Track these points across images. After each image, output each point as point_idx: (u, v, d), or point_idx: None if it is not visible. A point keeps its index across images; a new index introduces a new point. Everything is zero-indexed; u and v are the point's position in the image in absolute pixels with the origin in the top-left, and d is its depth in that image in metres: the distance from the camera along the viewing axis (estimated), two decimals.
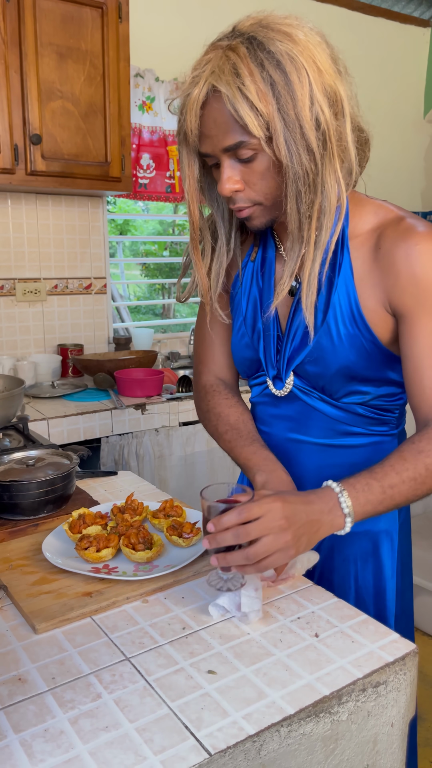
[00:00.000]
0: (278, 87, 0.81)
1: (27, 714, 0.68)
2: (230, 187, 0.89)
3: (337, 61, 0.86)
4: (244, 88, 0.81)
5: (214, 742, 0.64)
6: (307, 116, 0.82)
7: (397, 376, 0.98)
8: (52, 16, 2.01)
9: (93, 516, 1.05)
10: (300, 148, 0.83)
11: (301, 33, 0.83)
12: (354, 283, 0.93)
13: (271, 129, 0.83)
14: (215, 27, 2.69)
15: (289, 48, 0.81)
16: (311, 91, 0.82)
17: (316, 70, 0.82)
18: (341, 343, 0.94)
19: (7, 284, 2.42)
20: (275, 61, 0.81)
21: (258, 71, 0.81)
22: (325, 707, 0.70)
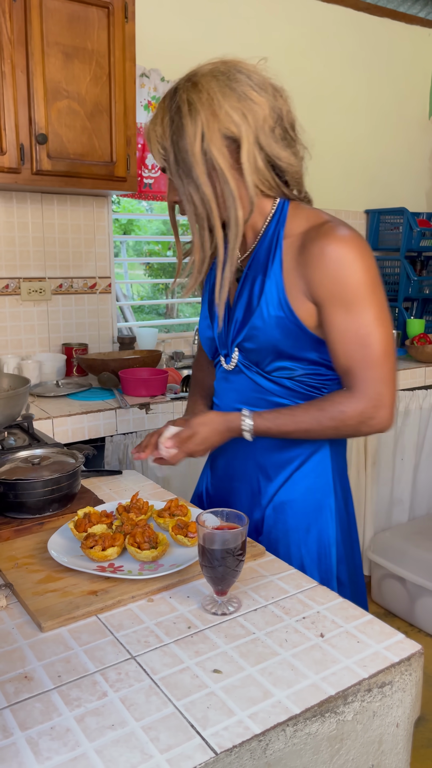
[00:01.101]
0: (173, 127, 1.05)
1: (33, 712, 0.68)
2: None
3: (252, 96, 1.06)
4: (153, 131, 1.08)
5: (220, 741, 0.64)
6: (195, 151, 1.04)
7: (321, 357, 1.12)
8: (59, 15, 2.01)
9: (98, 515, 1.05)
10: (185, 175, 1.06)
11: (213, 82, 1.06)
12: (282, 274, 1.10)
13: (168, 160, 1.07)
14: (220, 27, 2.72)
15: (190, 96, 1.04)
16: (202, 132, 1.03)
17: (210, 115, 1.03)
18: (270, 323, 1.10)
19: (12, 283, 2.43)
20: (176, 107, 1.05)
21: (167, 116, 1.06)
22: (330, 707, 0.70)
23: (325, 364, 1.13)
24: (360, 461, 2.66)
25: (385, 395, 1.06)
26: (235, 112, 1.03)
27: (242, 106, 1.04)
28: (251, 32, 2.86)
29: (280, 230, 1.11)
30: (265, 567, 0.99)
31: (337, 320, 1.05)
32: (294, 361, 1.12)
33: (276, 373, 1.14)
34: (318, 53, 3.09)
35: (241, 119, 1.03)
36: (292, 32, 2.98)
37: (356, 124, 3.30)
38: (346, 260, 1.03)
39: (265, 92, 1.08)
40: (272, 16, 2.91)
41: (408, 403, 2.73)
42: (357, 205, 3.39)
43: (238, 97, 1.04)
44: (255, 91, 1.06)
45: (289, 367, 1.13)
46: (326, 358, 1.11)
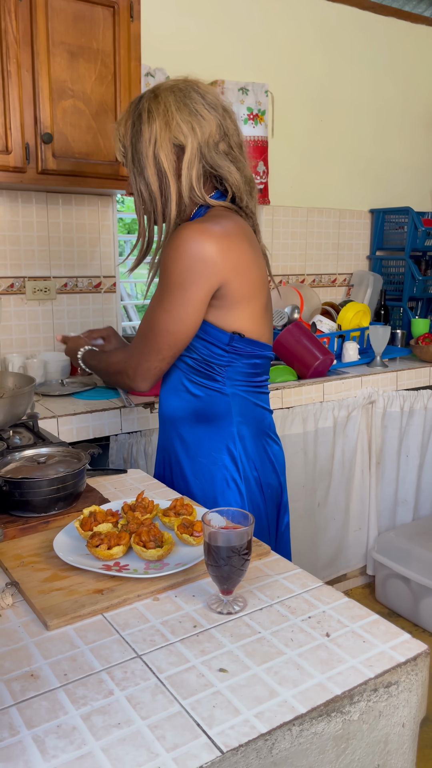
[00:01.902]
0: (134, 130, 1.24)
1: (39, 710, 0.68)
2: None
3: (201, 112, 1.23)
4: (118, 132, 1.28)
5: (226, 740, 0.64)
6: (148, 154, 1.23)
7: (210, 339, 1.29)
8: (64, 15, 2.02)
9: (104, 513, 1.05)
10: (138, 173, 1.25)
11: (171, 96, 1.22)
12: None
13: (126, 158, 1.27)
14: (225, 26, 2.73)
15: (150, 105, 1.23)
16: (155, 137, 1.22)
17: (164, 123, 1.22)
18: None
19: (17, 282, 2.43)
20: (138, 113, 1.24)
21: (130, 121, 1.25)
22: (336, 707, 0.70)
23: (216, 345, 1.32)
24: (364, 461, 2.66)
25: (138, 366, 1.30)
26: (185, 124, 1.21)
27: (192, 120, 1.21)
28: (256, 32, 2.86)
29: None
30: (270, 566, 0.99)
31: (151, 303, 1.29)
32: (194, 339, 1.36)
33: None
34: (323, 52, 3.08)
35: (189, 131, 1.21)
36: (297, 31, 2.98)
37: (361, 124, 3.29)
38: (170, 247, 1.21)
39: (215, 111, 1.24)
40: (277, 15, 2.91)
41: (413, 402, 2.73)
42: (362, 205, 3.39)
43: (190, 112, 1.22)
44: (206, 109, 1.23)
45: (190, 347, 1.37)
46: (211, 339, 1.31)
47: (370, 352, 2.88)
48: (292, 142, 3.05)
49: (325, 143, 3.18)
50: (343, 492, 2.63)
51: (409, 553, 2.55)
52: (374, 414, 2.63)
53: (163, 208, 1.27)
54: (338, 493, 2.61)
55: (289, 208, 3.12)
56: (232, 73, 2.80)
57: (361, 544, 2.76)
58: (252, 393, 1.36)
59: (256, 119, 2.83)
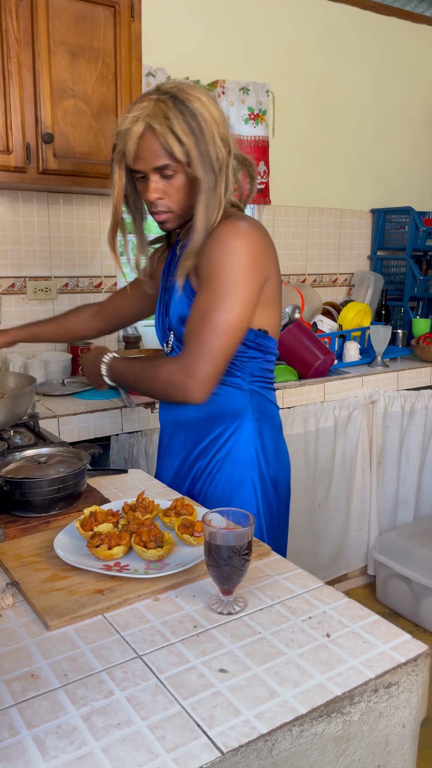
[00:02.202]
0: (194, 129, 1.18)
1: (40, 710, 0.68)
2: (155, 195, 1.24)
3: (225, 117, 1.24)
4: (174, 128, 1.17)
5: (226, 740, 0.64)
6: (212, 151, 1.20)
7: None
8: (65, 15, 2.02)
9: (104, 514, 1.05)
10: (208, 170, 1.20)
11: (204, 97, 1.20)
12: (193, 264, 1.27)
13: (190, 157, 1.19)
14: (226, 26, 2.73)
15: (199, 106, 1.19)
16: (213, 135, 1.20)
17: (214, 122, 1.20)
18: (185, 306, 1.28)
19: (18, 282, 2.43)
20: (191, 113, 1.18)
21: (180, 117, 1.17)
22: (337, 707, 0.70)
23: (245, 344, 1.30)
24: (365, 461, 2.66)
25: (200, 373, 1.20)
26: (223, 119, 1.23)
27: (225, 120, 1.24)
28: (257, 31, 2.85)
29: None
30: (270, 567, 0.99)
31: (201, 299, 1.23)
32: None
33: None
34: (324, 52, 3.08)
35: (225, 124, 1.23)
36: (298, 31, 2.98)
37: (362, 123, 3.29)
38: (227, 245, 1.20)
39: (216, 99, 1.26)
40: (278, 14, 2.90)
41: (413, 402, 2.72)
42: (363, 205, 3.39)
43: (220, 112, 1.23)
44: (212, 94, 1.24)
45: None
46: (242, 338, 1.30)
47: (371, 352, 2.87)
48: (293, 141, 3.05)
49: (325, 143, 3.18)
50: (344, 492, 2.63)
51: (409, 553, 2.54)
52: (375, 414, 2.63)
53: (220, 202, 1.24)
54: (339, 493, 2.61)
55: (290, 208, 3.11)
56: (233, 73, 2.80)
57: (361, 544, 2.76)
58: (267, 389, 1.36)
59: (257, 119, 2.83)
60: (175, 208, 1.26)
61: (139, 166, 1.22)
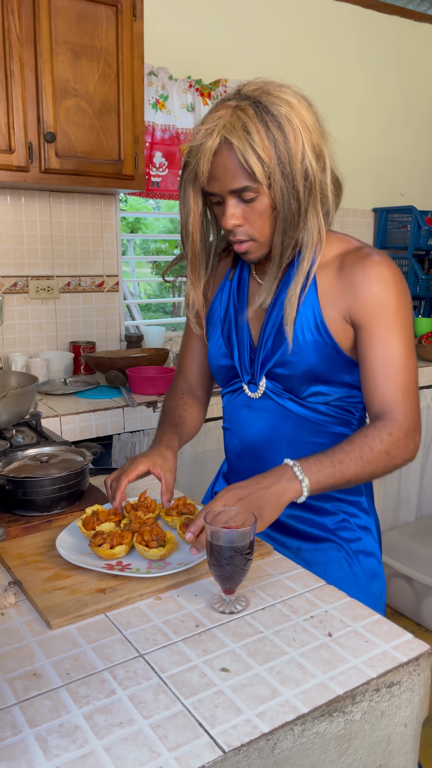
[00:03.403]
0: (279, 144, 0.98)
1: (42, 709, 0.68)
2: (233, 222, 1.05)
3: (321, 122, 1.05)
4: (254, 143, 0.97)
5: (228, 739, 0.64)
6: (299, 169, 1.00)
7: (353, 379, 1.11)
8: (67, 14, 2.02)
9: (107, 513, 1.05)
10: (290, 195, 1.01)
11: (295, 99, 1.01)
12: (318, 299, 1.08)
13: (272, 178, 0.99)
14: (228, 25, 2.72)
15: (287, 112, 0.99)
16: (303, 148, 0.99)
17: (307, 131, 1.00)
18: (306, 348, 1.08)
19: (20, 281, 2.43)
20: (277, 122, 0.98)
21: (264, 130, 0.98)
22: (338, 707, 0.70)
23: (357, 386, 1.12)
24: None
25: (418, 420, 1.05)
26: (315, 125, 1.02)
27: (317, 118, 1.04)
28: (259, 30, 2.85)
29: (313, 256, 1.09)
30: (272, 566, 0.99)
31: (378, 341, 1.04)
32: (329, 385, 1.10)
33: (311, 399, 1.12)
34: (326, 51, 3.07)
35: (320, 132, 1.03)
36: (300, 30, 2.97)
37: (364, 122, 3.29)
38: (390, 283, 1.04)
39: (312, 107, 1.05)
40: (280, 13, 2.90)
41: None
42: (365, 204, 3.38)
43: (314, 118, 1.03)
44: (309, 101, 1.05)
45: (324, 392, 1.11)
46: (358, 379, 1.10)
47: None
48: None
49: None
50: None
51: (411, 553, 2.54)
52: None
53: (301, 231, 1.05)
54: None
55: None
56: (235, 72, 2.80)
57: None
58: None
59: None
60: (258, 236, 1.06)
61: (214, 188, 1.04)
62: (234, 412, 1.22)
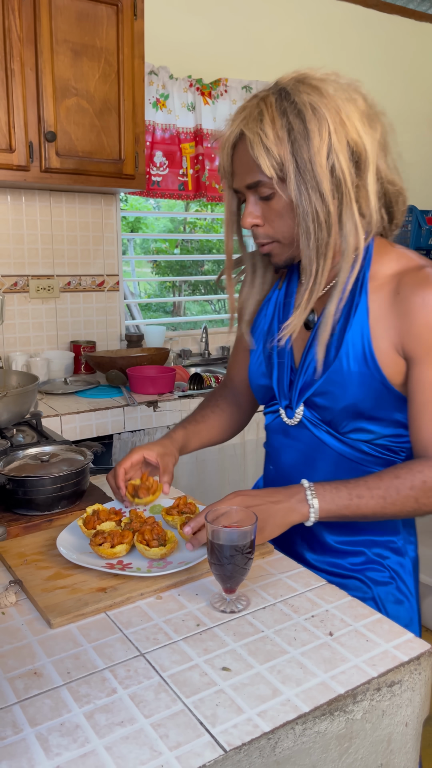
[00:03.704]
0: (294, 133, 0.89)
1: (43, 708, 0.68)
2: (250, 221, 0.97)
3: (371, 118, 0.93)
4: (262, 133, 0.89)
5: (229, 738, 0.64)
6: (322, 162, 0.89)
7: (405, 417, 1.00)
8: (68, 13, 2.02)
9: (107, 512, 1.05)
10: (310, 189, 0.90)
11: (332, 88, 0.90)
12: (369, 325, 0.96)
13: (284, 170, 0.90)
14: (228, 24, 2.72)
15: (313, 100, 0.89)
16: (330, 141, 0.89)
17: (339, 122, 0.89)
18: (351, 380, 0.97)
19: (21, 281, 2.43)
20: (296, 110, 0.89)
21: (279, 118, 0.89)
22: (339, 706, 0.70)
23: (405, 424, 1.01)
24: None
25: None
26: (360, 123, 0.91)
27: (367, 120, 0.92)
28: (260, 29, 2.85)
29: (365, 271, 0.98)
30: (273, 565, 0.98)
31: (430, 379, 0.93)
32: (375, 422, 0.99)
33: (353, 435, 1.01)
34: (326, 50, 3.07)
35: (366, 132, 0.91)
36: (300, 29, 2.97)
37: None
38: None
39: (378, 115, 0.96)
40: (280, 12, 2.90)
41: None
42: None
43: (361, 113, 0.92)
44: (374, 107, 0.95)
45: (368, 429, 1.00)
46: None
47: None
48: None
49: None
50: None
51: None
52: None
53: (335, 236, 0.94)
54: None
55: None
56: (235, 71, 2.80)
57: None
58: None
59: None
60: (281, 237, 0.97)
61: (235, 184, 0.98)
62: (272, 435, 1.14)
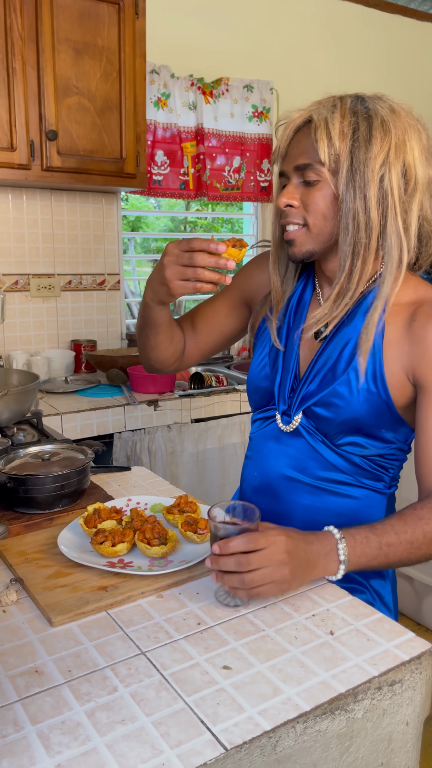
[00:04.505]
0: (359, 133, 0.92)
1: (44, 706, 0.68)
2: (285, 200, 0.98)
3: (430, 154, 0.97)
4: (330, 123, 0.93)
5: (230, 737, 0.64)
6: (375, 169, 0.92)
7: (399, 439, 1.03)
8: (69, 12, 2.02)
9: (108, 510, 1.05)
10: (357, 189, 0.93)
11: (404, 113, 0.96)
12: (382, 346, 0.98)
13: (339, 163, 0.93)
14: (230, 23, 2.73)
15: (386, 114, 0.94)
16: (387, 153, 0.93)
17: (401, 142, 0.93)
18: (357, 396, 0.99)
19: (22, 280, 2.43)
20: (367, 115, 0.93)
21: (349, 116, 0.93)
22: (341, 705, 0.70)
23: (399, 446, 1.04)
24: None
25: None
26: (420, 153, 0.95)
27: (426, 154, 0.96)
28: (261, 29, 2.85)
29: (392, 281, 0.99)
30: None
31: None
32: (370, 438, 1.01)
33: (347, 448, 1.03)
34: (328, 49, 3.07)
35: (422, 164, 0.95)
36: (302, 28, 2.97)
37: None
38: None
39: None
40: (282, 12, 2.90)
41: None
42: None
43: (423, 146, 0.96)
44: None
45: (362, 444, 1.02)
46: (401, 438, 1.03)
47: None
48: None
49: None
50: None
51: None
52: None
53: (377, 246, 0.96)
54: None
55: None
56: (237, 71, 2.79)
57: None
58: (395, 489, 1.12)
59: (261, 117, 2.82)
60: (312, 223, 0.97)
61: (284, 166, 0.99)
62: (261, 442, 1.12)
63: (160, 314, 1.09)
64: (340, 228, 0.96)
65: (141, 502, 1.15)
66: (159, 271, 0.98)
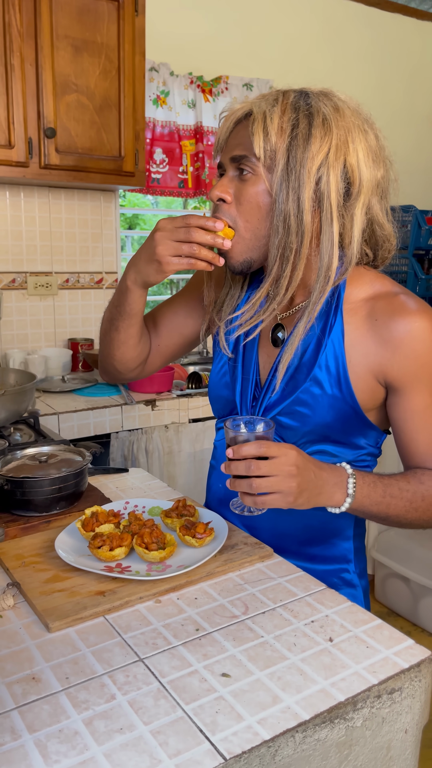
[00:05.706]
0: (297, 131, 0.89)
1: (41, 714, 0.68)
2: (218, 193, 0.94)
3: (377, 156, 0.93)
4: (268, 117, 0.89)
5: (229, 746, 0.63)
6: (312, 169, 0.88)
7: (370, 444, 1.02)
8: (68, 8, 2.00)
9: (106, 514, 1.05)
10: (291, 190, 0.89)
11: (350, 112, 0.92)
12: (344, 348, 0.95)
13: (275, 160, 0.89)
14: (230, 21, 2.71)
15: (329, 112, 0.90)
16: (327, 154, 0.89)
17: (342, 142, 0.89)
18: (322, 402, 0.96)
19: (19, 278, 2.42)
20: (308, 112, 0.89)
21: (290, 112, 0.90)
22: (340, 713, 0.70)
23: (369, 451, 1.03)
24: None
25: None
26: (364, 155, 0.91)
27: (372, 156, 0.93)
28: (261, 27, 2.84)
29: (340, 293, 0.97)
30: (272, 569, 0.98)
31: (421, 405, 0.94)
32: (339, 446, 1.00)
33: (316, 457, 0.97)
34: (327, 48, 3.06)
35: (367, 166, 0.91)
36: (302, 27, 2.96)
37: None
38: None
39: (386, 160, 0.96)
40: (282, 10, 2.89)
41: None
42: None
43: (369, 147, 0.92)
44: (383, 151, 0.95)
45: (332, 453, 1.00)
46: (371, 443, 1.02)
47: None
48: None
49: None
50: None
51: (408, 553, 2.54)
52: None
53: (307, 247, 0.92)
54: None
55: None
56: (236, 69, 2.78)
57: None
58: None
59: None
60: (242, 223, 0.93)
61: (222, 158, 0.96)
62: (224, 451, 1.03)
63: (138, 301, 1.03)
64: (271, 230, 0.92)
65: (139, 505, 1.14)
66: (148, 248, 0.94)
